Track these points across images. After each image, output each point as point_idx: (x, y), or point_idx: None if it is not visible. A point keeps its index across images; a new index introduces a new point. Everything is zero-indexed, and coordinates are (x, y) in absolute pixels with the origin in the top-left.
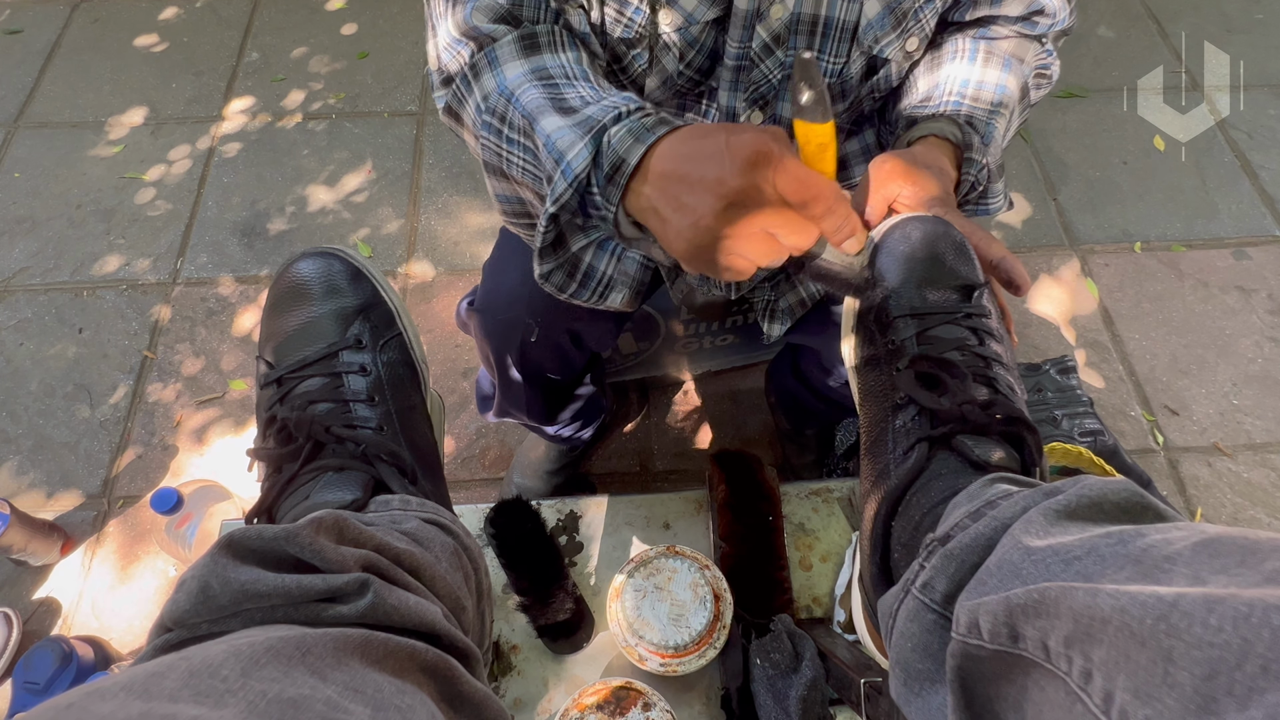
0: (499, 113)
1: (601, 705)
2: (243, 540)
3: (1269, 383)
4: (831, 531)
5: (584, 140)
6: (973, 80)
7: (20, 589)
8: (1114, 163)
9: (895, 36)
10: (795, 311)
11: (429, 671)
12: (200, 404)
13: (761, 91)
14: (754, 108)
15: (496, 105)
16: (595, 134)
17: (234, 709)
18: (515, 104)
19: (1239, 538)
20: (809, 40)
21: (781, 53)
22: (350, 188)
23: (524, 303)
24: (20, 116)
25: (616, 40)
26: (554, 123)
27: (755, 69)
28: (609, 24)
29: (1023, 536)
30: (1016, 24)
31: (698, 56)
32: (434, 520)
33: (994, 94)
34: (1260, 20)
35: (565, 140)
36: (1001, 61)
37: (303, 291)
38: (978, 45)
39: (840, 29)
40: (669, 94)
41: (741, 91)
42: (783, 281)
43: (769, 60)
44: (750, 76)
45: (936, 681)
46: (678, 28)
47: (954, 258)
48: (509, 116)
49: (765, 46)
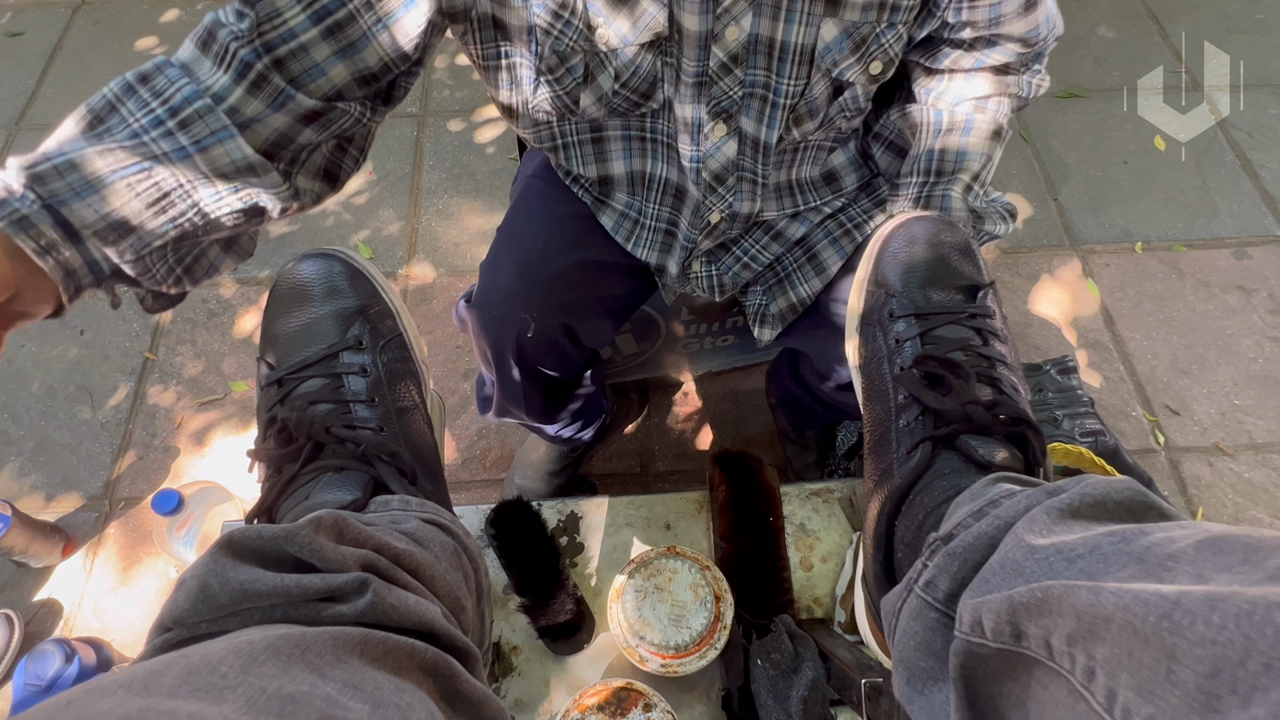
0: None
1: (602, 706)
2: (242, 540)
3: (1270, 382)
4: (832, 532)
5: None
6: (935, 156)
7: (22, 591)
8: (1114, 163)
9: (854, 61)
10: (786, 317)
11: (428, 670)
12: (201, 405)
13: (724, 105)
14: (717, 120)
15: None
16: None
17: (233, 705)
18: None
19: (1242, 536)
20: (767, 62)
21: (740, 71)
22: (351, 189)
23: (520, 298)
24: (22, 119)
25: (549, 51)
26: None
27: (715, 85)
28: (540, 33)
29: (1026, 535)
30: (1016, 43)
31: (634, 79)
32: (434, 520)
33: (953, 163)
34: (1261, 20)
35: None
36: (963, 125)
37: (303, 293)
38: (941, 116)
39: (798, 52)
40: (605, 111)
41: (704, 104)
42: (774, 286)
43: (728, 79)
44: (711, 92)
45: (940, 680)
46: (614, 48)
47: (958, 258)
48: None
49: (723, 65)
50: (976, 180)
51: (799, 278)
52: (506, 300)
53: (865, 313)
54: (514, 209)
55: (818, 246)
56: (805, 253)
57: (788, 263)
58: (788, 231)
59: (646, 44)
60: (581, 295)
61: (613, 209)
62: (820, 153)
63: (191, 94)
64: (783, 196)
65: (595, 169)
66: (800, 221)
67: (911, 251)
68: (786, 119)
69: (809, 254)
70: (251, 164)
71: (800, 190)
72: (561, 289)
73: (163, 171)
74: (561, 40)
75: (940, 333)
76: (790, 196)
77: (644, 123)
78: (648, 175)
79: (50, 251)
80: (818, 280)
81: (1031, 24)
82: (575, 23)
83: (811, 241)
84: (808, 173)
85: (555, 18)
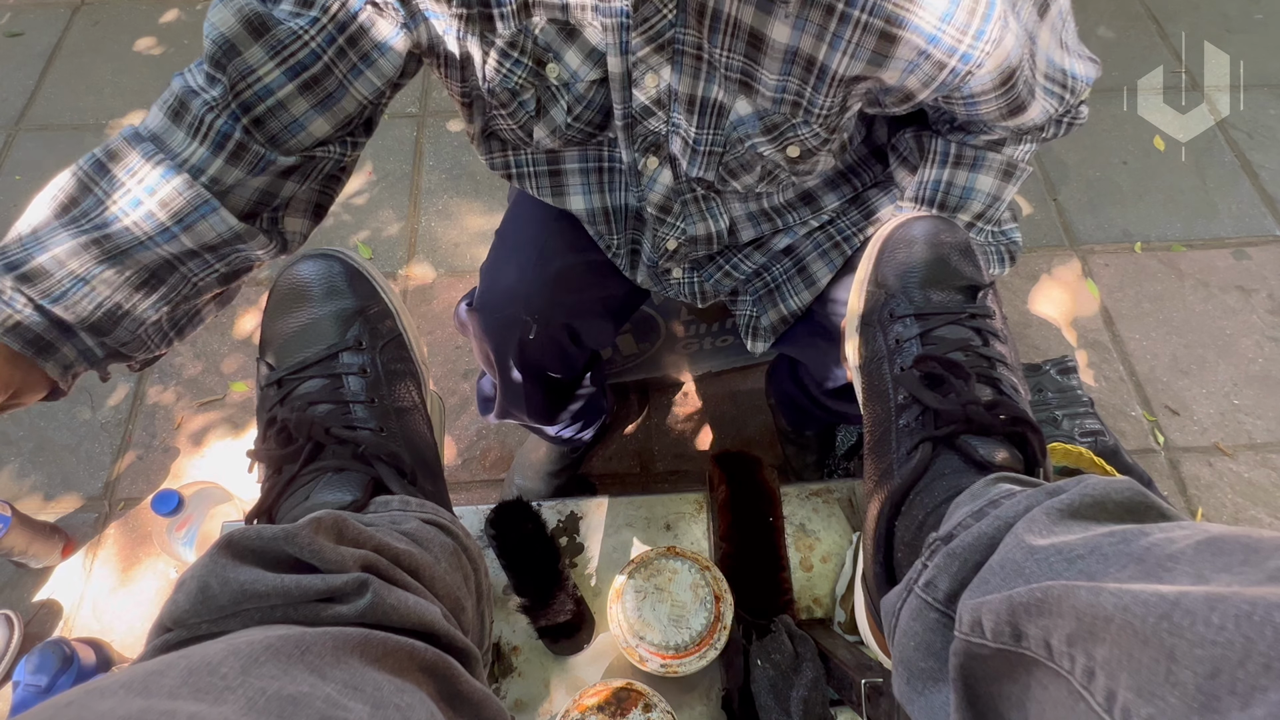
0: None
1: (602, 706)
2: (242, 540)
3: (1269, 382)
4: (832, 532)
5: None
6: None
7: (21, 591)
8: (1114, 163)
9: (767, 141)
10: (778, 329)
11: (428, 671)
12: (201, 406)
13: (650, 141)
14: (648, 154)
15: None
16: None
17: (233, 706)
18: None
19: (1242, 536)
20: (687, 113)
21: (664, 114)
22: (350, 190)
23: (521, 300)
24: (21, 119)
25: (499, 87)
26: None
27: (639, 124)
28: (489, 73)
29: (1025, 535)
30: (1009, 131)
31: (586, 111)
32: (434, 521)
33: (957, 199)
34: (1260, 20)
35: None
36: (973, 160)
37: (303, 293)
38: (950, 147)
39: (714, 108)
40: (560, 141)
41: (634, 144)
42: (764, 297)
43: (652, 119)
44: (636, 130)
45: (939, 680)
46: (564, 83)
47: (958, 258)
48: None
49: (645, 108)
50: (980, 219)
51: (789, 290)
52: (508, 303)
53: (865, 313)
54: (511, 211)
55: (807, 259)
56: (794, 264)
57: (776, 273)
58: (771, 242)
59: (597, 80)
60: (582, 296)
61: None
62: (780, 187)
63: (168, 171)
64: (759, 222)
65: (553, 201)
66: (785, 234)
67: (911, 252)
68: (717, 168)
69: (798, 266)
70: (237, 233)
71: (777, 214)
72: (562, 290)
73: (147, 254)
74: (510, 77)
75: (940, 333)
76: (768, 220)
77: (601, 151)
78: (609, 209)
79: (46, 352)
80: (808, 293)
81: (1022, 120)
82: (524, 60)
83: (800, 253)
84: (780, 198)
85: (504, 56)
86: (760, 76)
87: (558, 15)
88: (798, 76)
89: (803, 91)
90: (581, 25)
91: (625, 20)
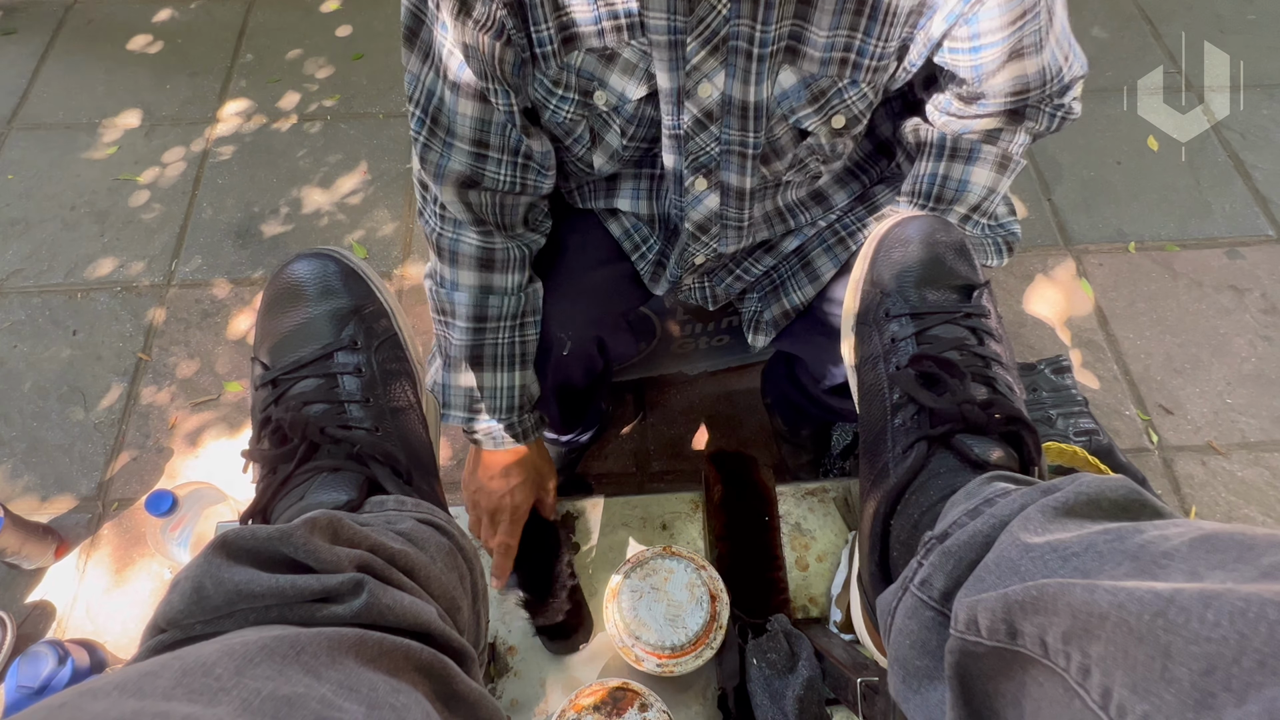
0: (440, 306)
1: (598, 706)
2: (237, 540)
3: (1263, 382)
4: (828, 531)
5: (465, 412)
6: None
7: (14, 592)
8: (1108, 163)
9: (812, 111)
10: (780, 323)
11: (424, 671)
12: (195, 406)
13: (702, 161)
14: (698, 174)
15: (441, 299)
16: (471, 413)
17: (228, 707)
18: (451, 325)
19: (1236, 534)
20: (741, 121)
21: (716, 128)
22: (345, 189)
23: (554, 319)
24: (14, 118)
25: (553, 125)
26: (459, 378)
27: (691, 140)
28: (541, 109)
29: (1021, 534)
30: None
31: (639, 129)
32: (429, 521)
33: (953, 191)
34: (1253, 21)
35: (457, 399)
36: (968, 153)
37: (298, 293)
38: (946, 140)
39: (766, 108)
40: (619, 165)
41: (684, 158)
42: (769, 293)
43: (703, 134)
44: (688, 146)
45: (935, 678)
46: (613, 107)
47: (953, 258)
48: (445, 317)
49: (697, 121)
50: (976, 211)
51: (793, 285)
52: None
53: (861, 312)
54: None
55: (812, 254)
56: (800, 260)
57: (782, 271)
58: (781, 245)
59: (643, 98)
60: (609, 309)
61: (620, 223)
62: (804, 178)
63: (515, 304)
64: (773, 223)
65: (604, 202)
66: (794, 235)
67: (907, 251)
68: (760, 168)
69: (803, 262)
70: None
71: (791, 213)
72: (593, 304)
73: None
74: (559, 112)
75: (935, 332)
76: (781, 221)
77: (656, 160)
78: (655, 216)
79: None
80: (811, 287)
81: (1021, 69)
82: (570, 95)
83: (806, 250)
84: (794, 195)
85: (549, 94)
86: (809, 36)
87: (595, 44)
88: (847, 25)
89: (852, 42)
90: (620, 49)
91: (676, 37)
